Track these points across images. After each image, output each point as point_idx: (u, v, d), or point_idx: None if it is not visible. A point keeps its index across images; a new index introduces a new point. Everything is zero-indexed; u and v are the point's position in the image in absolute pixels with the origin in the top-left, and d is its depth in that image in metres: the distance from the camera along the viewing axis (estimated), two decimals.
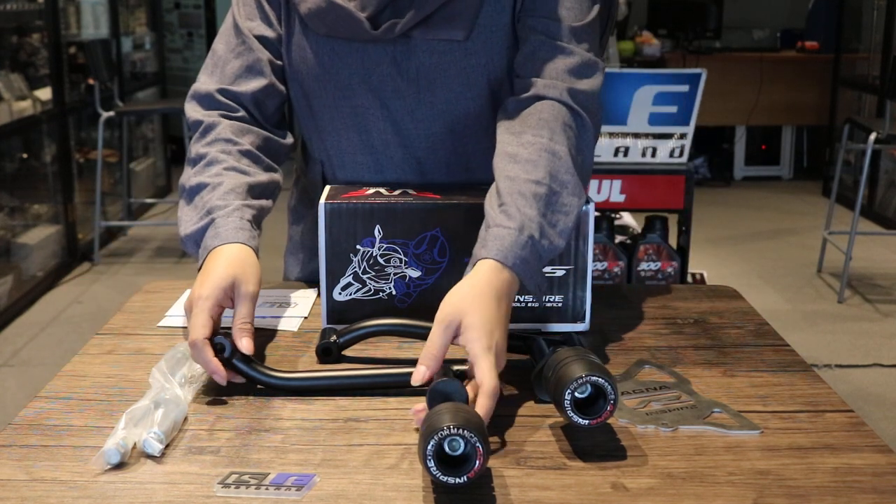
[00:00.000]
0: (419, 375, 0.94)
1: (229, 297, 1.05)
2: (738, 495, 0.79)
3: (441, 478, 0.78)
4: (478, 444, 0.78)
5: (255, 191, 1.18)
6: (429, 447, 0.78)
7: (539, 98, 1.17)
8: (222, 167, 1.18)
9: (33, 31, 4.63)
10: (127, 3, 6.05)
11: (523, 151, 1.10)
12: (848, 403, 0.98)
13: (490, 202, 1.07)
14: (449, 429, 0.78)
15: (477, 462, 0.78)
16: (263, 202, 1.19)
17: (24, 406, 0.98)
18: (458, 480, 0.78)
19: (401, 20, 1.21)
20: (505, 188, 1.07)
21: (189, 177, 1.18)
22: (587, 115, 1.17)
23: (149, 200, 5.85)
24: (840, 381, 3.32)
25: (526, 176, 1.07)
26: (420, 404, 0.90)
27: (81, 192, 4.95)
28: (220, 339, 1.00)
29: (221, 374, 0.98)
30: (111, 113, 4.79)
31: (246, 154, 1.22)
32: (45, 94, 4.50)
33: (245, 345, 1.01)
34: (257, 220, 1.16)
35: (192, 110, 1.26)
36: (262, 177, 1.21)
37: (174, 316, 1.24)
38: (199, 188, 1.16)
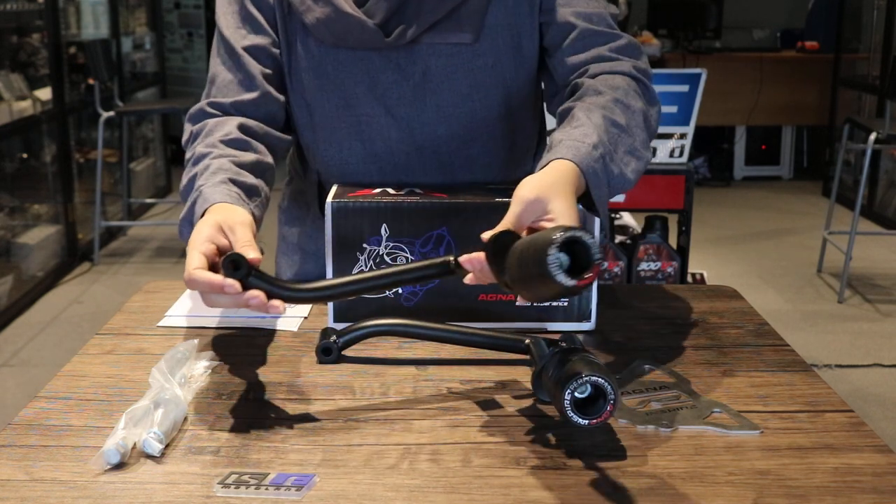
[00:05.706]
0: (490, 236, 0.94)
1: (221, 233, 0.96)
2: (738, 495, 0.79)
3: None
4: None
5: (244, 168, 1.12)
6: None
7: (608, 73, 1.19)
8: (209, 158, 1.12)
9: (33, 31, 4.62)
10: (127, 3, 6.06)
11: (599, 99, 1.13)
12: (848, 403, 0.98)
13: (560, 128, 1.10)
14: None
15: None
16: (255, 180, 1.12)
17: (24, 406, 0.98)
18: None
19: (409, 26, 1.20)
20: (582, 115, 1.10)
21: (182, 180, 1.13)
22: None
23: (149, 200, 5.85)
24: (840, 381, 3.32)
25: (603, 112, 1.10)
26: (476, 254, 0.93)
27: (81, 192, 4.95)
28: (232, 255, 0.90)
29: (231, 285, 0.88)
30: (111, 113, 4.79)
31: (230, 143, 1.15)
32: (45, 94, 4.50)
33: (251, 256, 0.91)
34: (249, 193, 1.09)
35: (185, 130, 1.22)
36: (247, 157, 1.14)
37: (174, 316, 1.24)
38: (191, 183, 1.10)
